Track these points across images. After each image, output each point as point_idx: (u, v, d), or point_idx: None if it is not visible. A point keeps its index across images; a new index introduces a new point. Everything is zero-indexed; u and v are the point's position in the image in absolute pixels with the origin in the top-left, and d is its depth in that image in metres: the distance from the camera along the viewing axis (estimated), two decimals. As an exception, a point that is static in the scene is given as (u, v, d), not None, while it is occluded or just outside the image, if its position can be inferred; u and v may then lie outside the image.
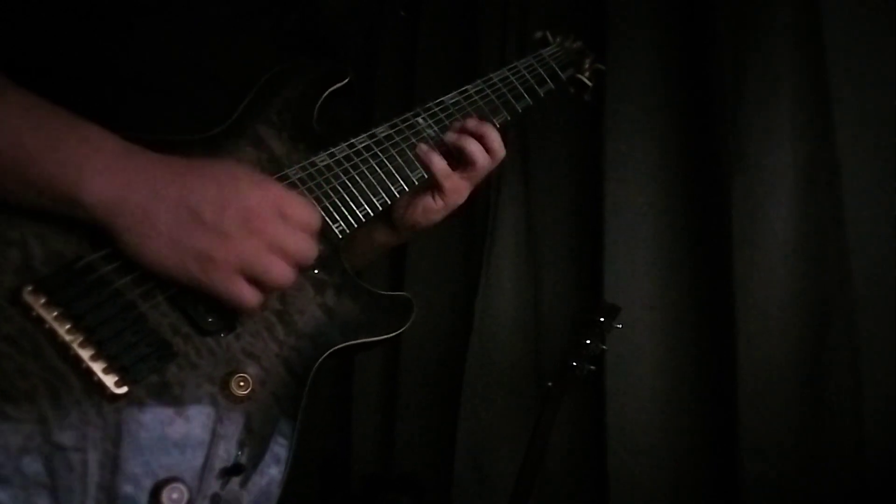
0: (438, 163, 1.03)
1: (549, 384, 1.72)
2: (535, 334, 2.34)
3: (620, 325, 1.79)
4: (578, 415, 2.15)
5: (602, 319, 1.77)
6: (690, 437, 2.02)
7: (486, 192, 2.40)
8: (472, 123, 1.06)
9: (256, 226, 0.74)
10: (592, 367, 1.74)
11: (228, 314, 0.79)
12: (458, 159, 1.05)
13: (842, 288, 1.79)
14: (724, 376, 1.91)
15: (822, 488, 1.77)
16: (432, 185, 1.04)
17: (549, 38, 1.35)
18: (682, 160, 2.11)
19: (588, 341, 1.73)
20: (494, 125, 1.10)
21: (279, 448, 0.81)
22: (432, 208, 1.07)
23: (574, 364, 1.71)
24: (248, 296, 0.75)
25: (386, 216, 1.09)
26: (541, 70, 1.25)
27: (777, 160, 1.88)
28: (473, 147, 1.04)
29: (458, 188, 1.06)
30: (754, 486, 1.80)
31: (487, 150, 1.06)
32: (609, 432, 2.04)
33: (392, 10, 2.76)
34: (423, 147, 1.02)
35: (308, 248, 0.78)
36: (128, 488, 0.69)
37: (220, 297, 0.75)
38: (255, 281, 0.75)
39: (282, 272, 0.76)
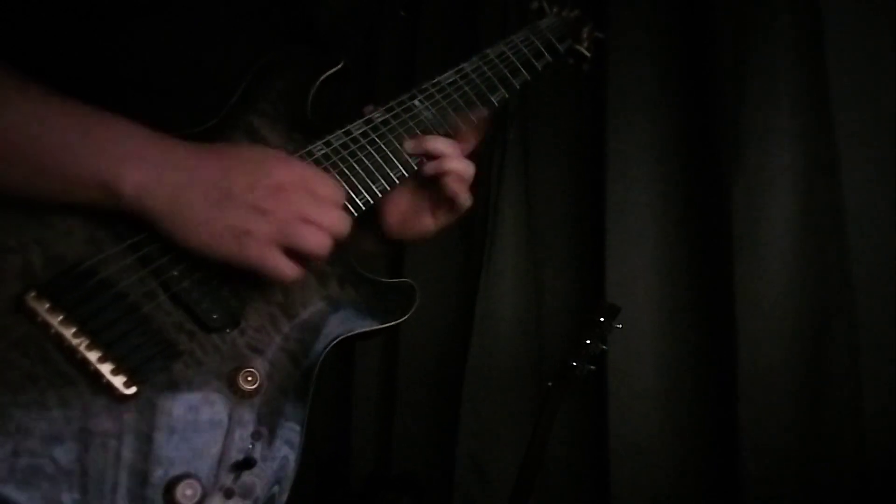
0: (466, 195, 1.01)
1: (549, 384, 1.73)
2: (536, 334, 2.34)
3: (620, 325, 1.79)
4: (578, 415, 2.15)
5: (602, 319, 1.77)
6: (690, 437, 2.02)
7: (485, 191, 2.41)
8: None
9: (287, 198, 0.76)
10: (592, 367, 1.74)
11: (232, 310, 0.79)
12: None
13: (842, 288, 1.79)
14: (724, 376, 1.91)
15: (822, 488, 1.77)
16: (437, 202, 1.03)
17: (546, 8, 1.31)
18: (682, 160, 2.11)
19: (588, 341, 1.73)
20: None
21: (289, 441, 0.81)
22: (428, 226, 1.07)
23: (574, 364, 1.71)
24: (287, 267, 0.76)
25: (376, 226, 1.08)
26: (538, 43, 1.20)
27: (777, 160, 1.88)
28: (468, 170, 1.01)
29: (466, 200, 1.04)
30: (754, 486, 1.81)
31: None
32: (609, 432, 2.04)
33: (392, 10, 2.76)
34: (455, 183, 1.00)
35: (340, 220, 0.80)
36: (141, 486, 0.69)
37: (259, 271, 0.76)
38: (291, 252, 0.77)
39: (318, 240, 0.77)
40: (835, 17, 1.86)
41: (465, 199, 1.02)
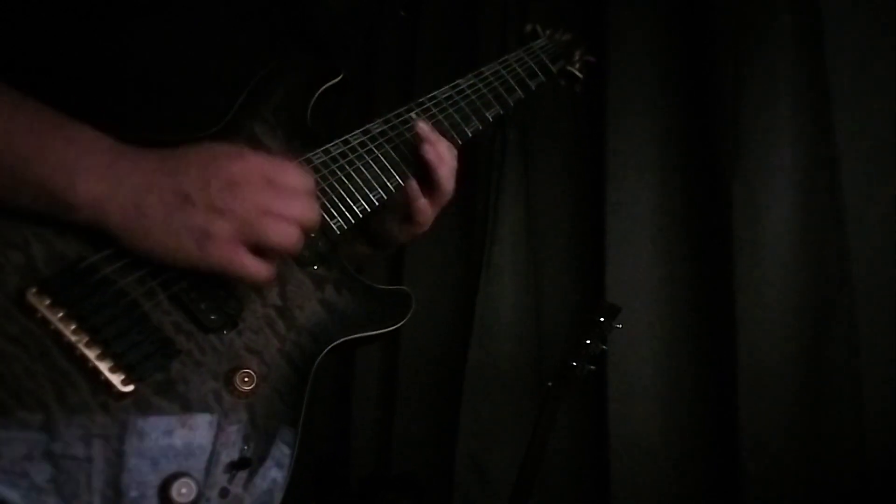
0: (422, 202, 1.00)
1: (549, 384, 1.73)
2: (536, 334, 2.34)
3: (620, 325, 1.79)
4: (578, 415, 2.15)
5: (602, 319, 1.77)
6: (690, 437, 2.02)
7: (485, 192, 2.41)
8: (431, 147, 1.00)
9: (243, 193, 0.73)
10: (592, 367, 1.74)
11: (230, 311, 0.79)
12: (425, 182, 1.01)
13: (842, 288, 1.79)
14: (724, 376, 1.91)
15: (822, 488, 1.77)
16: (404, 214, 1.03)
17: (539, 31, 1.36)
18: (682, 160, 2.11)
19: (588, 341, 1.73)
20: (457, 140, 1.07)
21: (284, 442, 0.81)
22: (396, 235, 1.06)
23: (574, 364, 1.71)
24: (253, 266, 0.75)
25: (365, 231, 1.09)
26: (531, 63, 1.25)
27: (777, 160, 1.88)
28: (444, 171, 1.00)
29: (429, 219, 1.03)
30: (754, 486, 1.81)
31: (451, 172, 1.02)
32: (609, 432, 2.04)
33: (392, 10, 2.76)
34: (415, 185, 0.99)
35: (306, 208, 0.77)
36: (136, 484, 0.69)
37: (225, 274, 0.75)
38: (257, 249, 0.75)
39: (284, 231, 0.75)
40: (835, 16, 1.86)
41: (427, 216, 1.01)
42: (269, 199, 0.75)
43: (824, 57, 1.85)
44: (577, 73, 1.38)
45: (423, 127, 1.01)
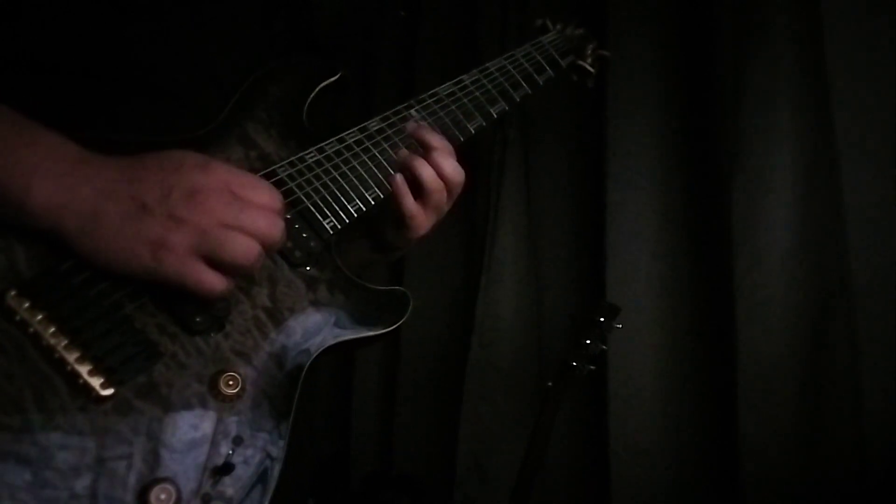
0: (409, 202, 0.96)
1: (549, 384, 1.73)
2: (537, 334, 2.34)
3: (620, 325, 1.79)
4: (578, 415, 2.15)
5: (602, 319, 1.77)
6: (690, 437, 2.01)
7: (486, 192, 2.41)
8: (430, 142, 0.97)
9: (204, 204, 0.71)
10: (592, 367, 1.74)
11: (217, 313, 0.78)
12: (414, 187, 0.97)
13: (842, 288, 1.79)
14: (724, 376, 1.91)
15: (822, 488, 1.77)
16: (395, 218, 0.99)
17: (549, 25, 1.33)
18: (682, 160, 2.11)
19: (588, 341, 1.73)
20: (459, 138, 1.04)
21: (272, 446, 0.78)
22: (392, 240, 1.04)
23: (574, 364, 1.71)
24: (209, 278, 0.72)
25: (376, 234, 1.06)
26: (539, 58, 1.22)
27: (777, 160, 1.88)
28: (426, 172, 0.95)
29: (421, 224, 0.99)
30: (754, 486, 1.81)
31: (440, 175, 0.97)
32: (609, 432, 2.04)
33: (392, 9, 2.76)
34: (398, 180, 0.95)
35: (269, 224, 0.74)
36: (115, 489, 0.68)
37: (179, 285, 0.72)
38: (214, 262, 0.72)
39: (242, 246, 0.72)
40: (835, 16, 1.86)
41: (419, 221, 0.98)
42: (231, 212, 0.72)
43: (824, 56, 1.84)
44: (590, 68, 1.35)
45: (411, 125, 0.98)
